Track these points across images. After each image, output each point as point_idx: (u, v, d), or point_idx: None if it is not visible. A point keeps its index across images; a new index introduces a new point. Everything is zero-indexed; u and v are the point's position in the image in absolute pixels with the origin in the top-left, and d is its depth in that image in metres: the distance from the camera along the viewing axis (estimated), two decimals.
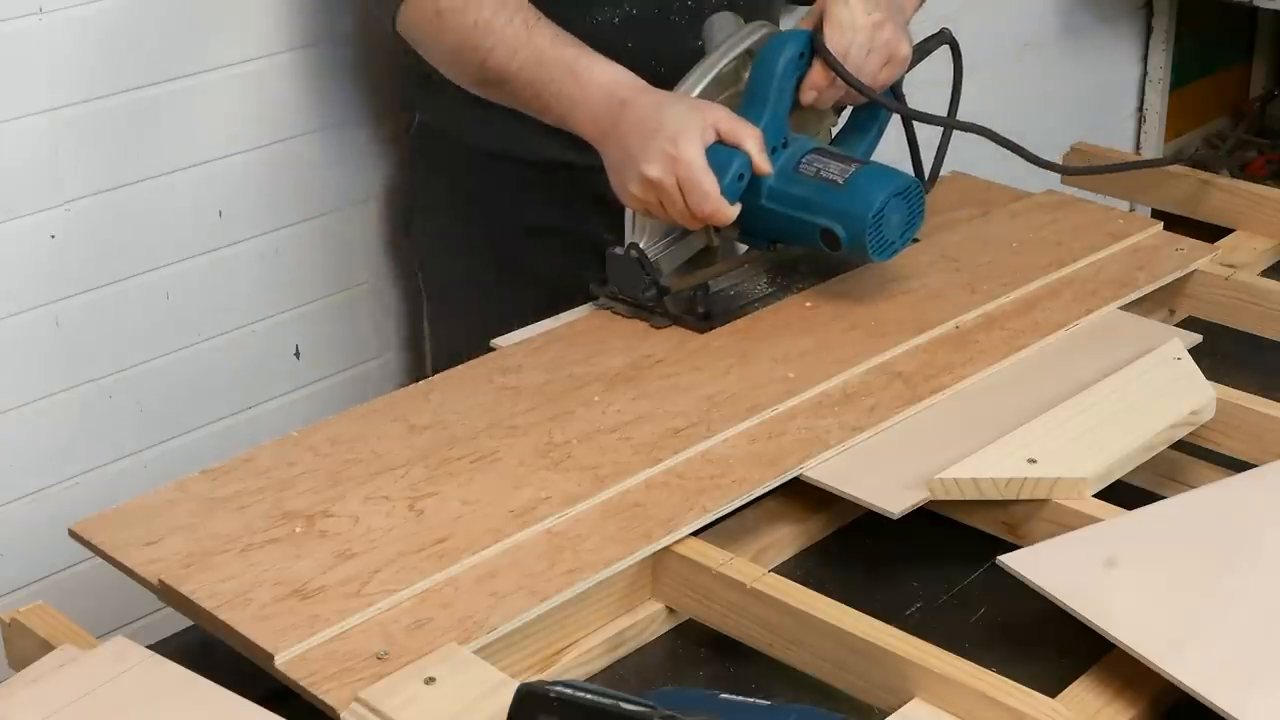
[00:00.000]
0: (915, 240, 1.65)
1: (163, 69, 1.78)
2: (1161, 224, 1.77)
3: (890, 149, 1.70)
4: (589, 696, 0.99)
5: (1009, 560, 1.19)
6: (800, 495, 1.34)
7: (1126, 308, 1.61)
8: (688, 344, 1.51)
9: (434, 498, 1.28)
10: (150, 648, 1.13)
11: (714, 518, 1.28)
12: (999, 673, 1.10)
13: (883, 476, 1.31)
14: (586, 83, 1.54)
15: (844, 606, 1.17)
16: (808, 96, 1.57)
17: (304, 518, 1.25)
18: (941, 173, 1.90)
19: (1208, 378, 1.43)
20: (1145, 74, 3.30)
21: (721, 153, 1.49)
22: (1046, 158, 1.78)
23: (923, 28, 1.70)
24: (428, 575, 1.18)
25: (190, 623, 1.19)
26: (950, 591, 1.28)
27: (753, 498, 1.31)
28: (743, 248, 1.65)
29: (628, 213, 1.56)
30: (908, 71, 1.64)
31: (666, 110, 1.50)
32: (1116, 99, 3.29)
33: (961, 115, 1.71)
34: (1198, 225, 1.82)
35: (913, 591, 1.28)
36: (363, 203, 2.01)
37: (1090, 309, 1.58)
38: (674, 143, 1.47)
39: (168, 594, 1.18)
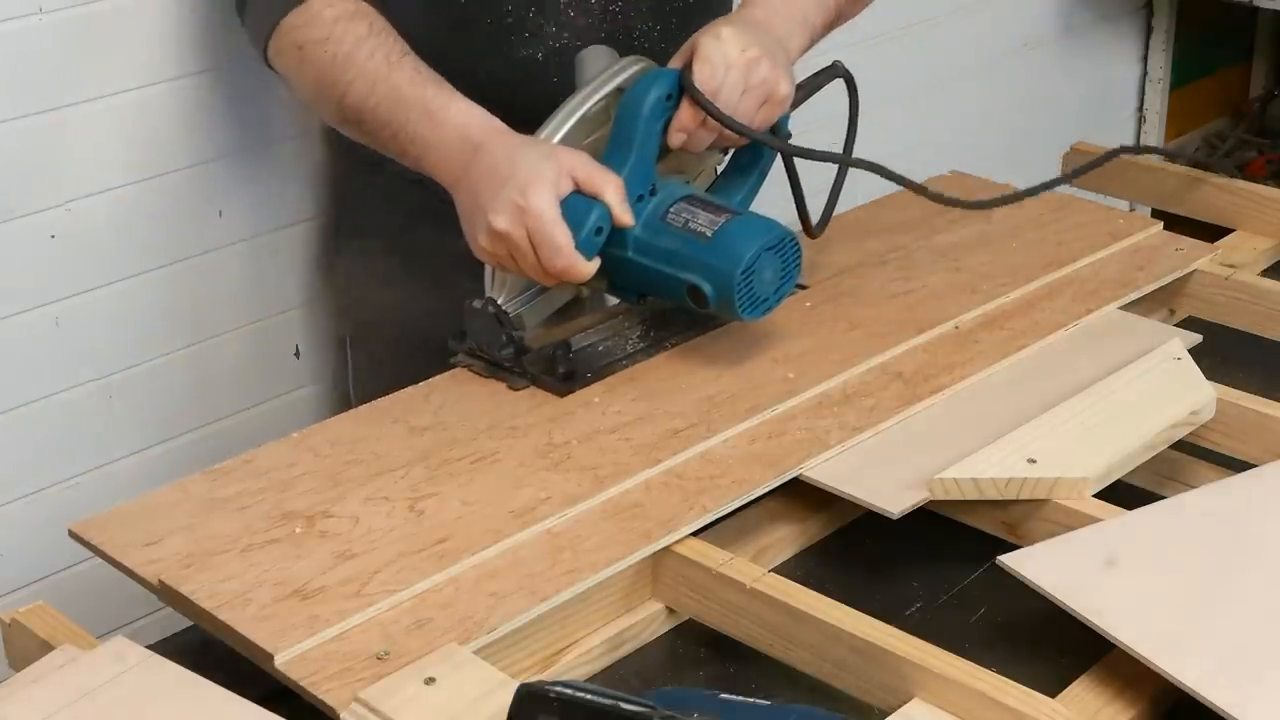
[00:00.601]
0: (804, 287, 1.58)
1: (160, 69, 1.78)
2: (1161, 224, 1.77)
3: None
4: (589, 696, 0.99)
5: (1009, 560, 1.19)
6: (800, 495, 1.34)
7: (1126, 308, 1.61)
8: (688, 344, 1.51)
9: (434, 498, 1.28)
10: (150, 648, 1.13)
11: (714, 518, 1.28)
12: (999, 673, 1.10)
13: (883, 476, 1.31)
14: (441, 123, 1.44)
15: (844, 606, 1.17)
16: (676, 139, 1.45)
17: (304, 518, 1.25)
18: (942, 172, 1.90)
19: (1208, 378, 1.43)
20: (1145, 74, 3.30)
21: (579, 203, 1.39)
22: (1047, 158, 1.78)
23: (919, 29, 1.68)
24: (428, 575, 1.18)
25: (190, 623, 1.19)
26: (950, 591, 1.28)
27: (753, 498, 1.31)
28: (614, 299, 1.55)
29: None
30: (794, 109, 1.53)
31: (520, 157, 1.39)
32: (1116, 99, 3.29)
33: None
34: (1198, 225, 1.82)
35: (913, 591, 1.28)
36: None
37: (1090, 309, 1.58)
38: (523, 192, 1.37)
39: (168, 594, 1.18)
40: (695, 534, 1.26)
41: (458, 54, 1.60)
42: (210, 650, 1.16)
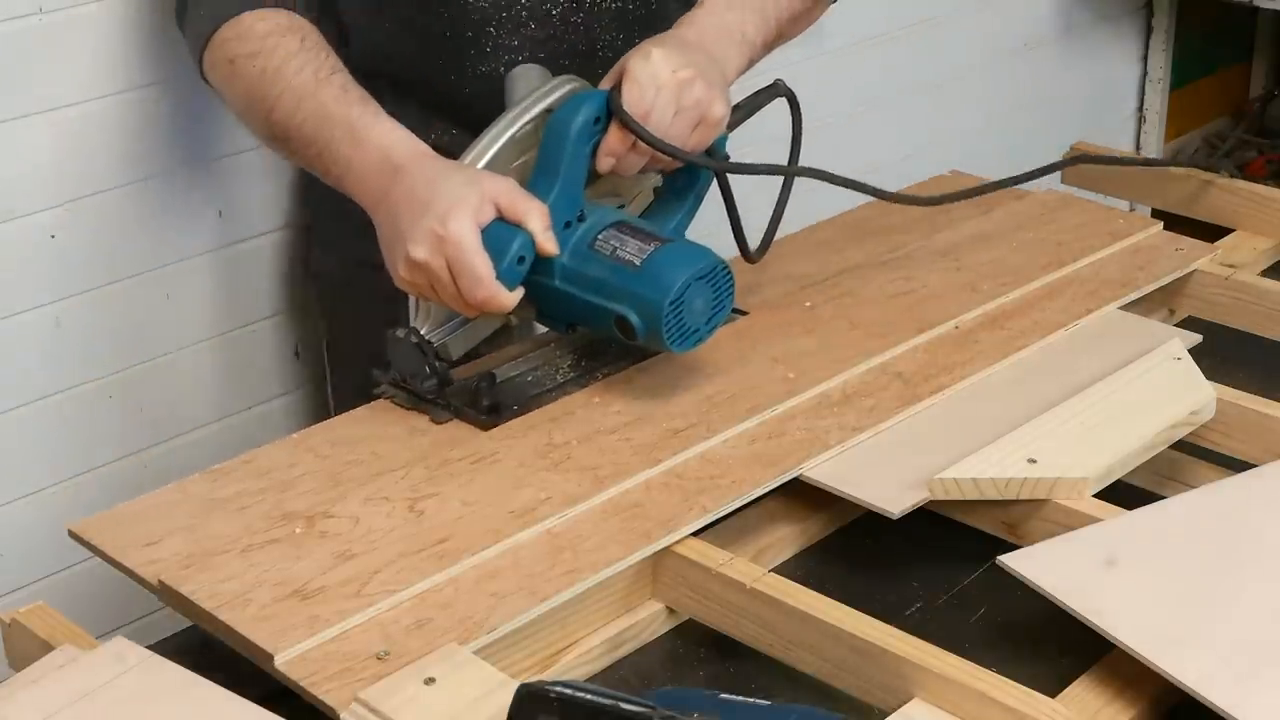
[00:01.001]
0: (744, 312, 1.54)
1: (160, 70, 1.79)
2: (1161, 224, 1.77)
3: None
4: (589, 696, 0.99)
5: (1009, 560, 1.19)
6: (800, 495, 1.34)
7: (1126, 308, 1.61)
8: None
9: (434, 498, 1.28)
10: (150, 648, 1.13)
11: (714, 518, 1.28)
12: (999, 673, 1.10)
13: (883, 476, 1.31)
14: (363, 141, 1.40)
15: (844, 606, 1.17)
16: (604, 164, 1.40)
17: (304, 518, 1.25)
18: (942, 171, 1.90)
19: (1208, 378, 1.43)
20: (1145, 74, 3.31)
21: (502, 232, 1.34)
22: (1047, 157, 1.78)
23: (919, 29, 1.67)
24: (428, 575, 1.18)
25: (190, 623, 1.19)
26: (950, 591, 1.29)
27: (753, 498, 1.31)
28: (544, 328, 1.49)
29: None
30: (733, 130, 1.49)
31: (440, 183, 1.35)
32: (1116, 99, 3.29)
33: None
34: (1198, 225, 1.82)
35: (913, 591, 1.28)
36: None
37: (1090, 309, 1.58)
38: (443, 221, 1.32)
39: (168, 594, 1.18)
40: (695, 534, 1.26)
41: (418, 70, 1.59)
42: (210, 650, 1.16)
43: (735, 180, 1.51)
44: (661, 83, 1.40)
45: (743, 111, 1.51)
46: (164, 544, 1.22)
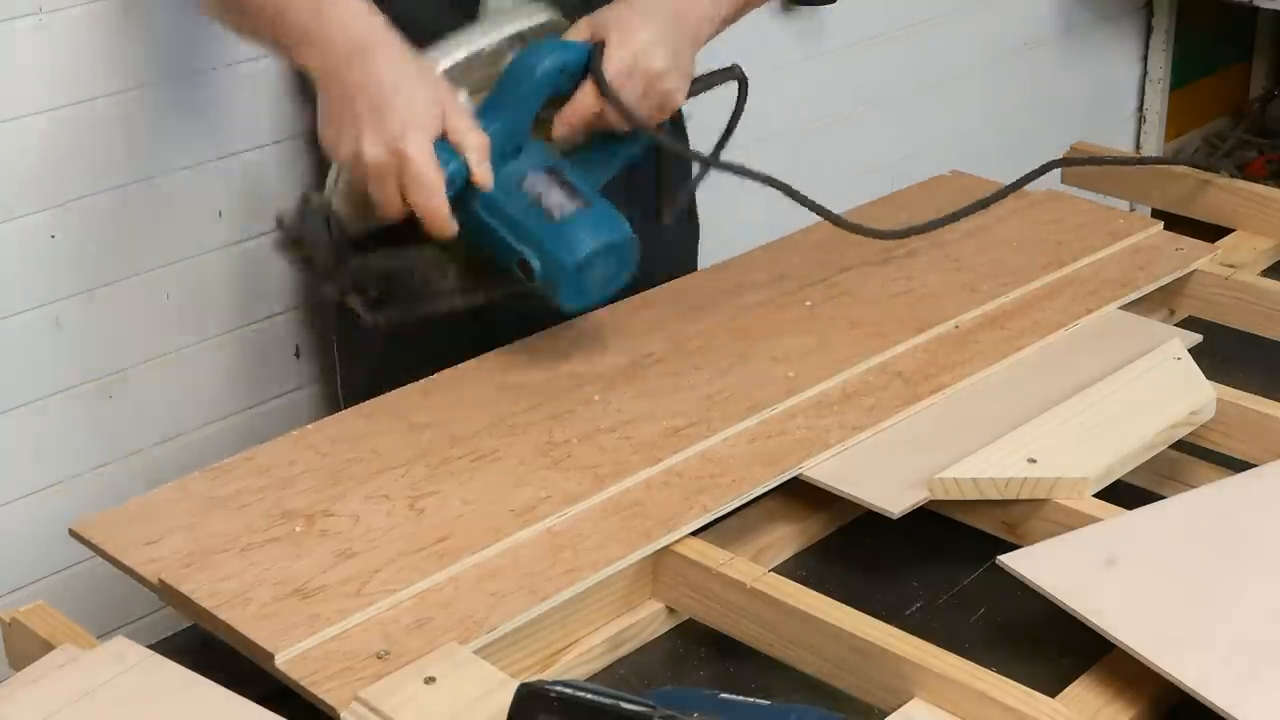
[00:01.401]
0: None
1: (162, 69, 1.79)
2: (1161, 224, 1.77)
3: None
4: (589, 696, 0.99)
5: (1009, 560, 1.19)
6: (800, 495, 1.34)
7: (1126, 308, 1.61)
8: (688, 343, 1.51)
9: (434, 497, 1.28)
10: (150, 648, 1.13)
11: (714, 517, 1.28)
12: (999, 673, 1.10)
13: (883, 476, 1.31)
14: (324, 13, 1.40)
15: (844, 606, 1.17)
16: (560, 132, 1.45)
17: (304, 517, 1.25)
18: (942, 171, 1.90)
19: (1208, 378, 1.43)
20: (1145, 74, 3.31)
21: (440, 153, 1.36)
22: (1047, 157, 1.78)
23: (919, 29, 1.67)
24: (428, 575, 1.18)
25: (190, 622, 1.19)
26: (950, 591, 1.29)
27: (752, 497, 1.31)
28: None
29: (334, 164, 1.43)
30: (683, 103, 1.52)
31: (403, 89, 1.36)
32: (1116, 99, 3.29)
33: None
34: (1198, 225, 1.82)
35: (913, 591, 1.28)
36: None
37: (1090, 309, 1.58)
38: (403, 135, 1.34)
39: (168, 593, 1.18)
40: (695, 533, 1.26)
41: (438, 28, 1.59)
42: (210, 650, 1.16)
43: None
44: (639, 69, 1.43)
45: (695, 88, 1.53)
46: (164, 542, 1.22)
